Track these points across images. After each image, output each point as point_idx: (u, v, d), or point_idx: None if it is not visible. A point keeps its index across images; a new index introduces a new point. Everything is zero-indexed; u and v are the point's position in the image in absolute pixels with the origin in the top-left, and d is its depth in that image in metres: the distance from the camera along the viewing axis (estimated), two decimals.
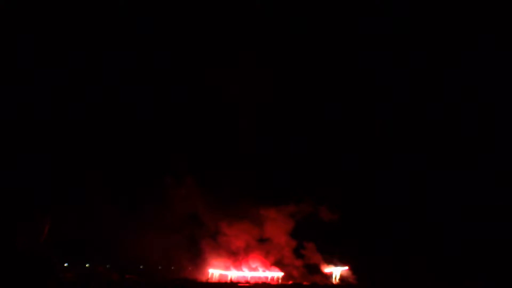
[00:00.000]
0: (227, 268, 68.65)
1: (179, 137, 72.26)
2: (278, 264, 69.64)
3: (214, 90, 73.49)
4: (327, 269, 70.64)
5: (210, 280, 67.35)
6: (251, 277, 68.50)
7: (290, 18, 76.90)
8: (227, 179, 66.53)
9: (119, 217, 63.65)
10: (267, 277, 68.40)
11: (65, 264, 65.94)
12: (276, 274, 69.17)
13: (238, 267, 68.82)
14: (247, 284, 65.46)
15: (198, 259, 68.87)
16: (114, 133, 71.19)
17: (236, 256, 68.86)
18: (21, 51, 68.01)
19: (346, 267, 70.50)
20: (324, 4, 77.21)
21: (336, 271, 70.44)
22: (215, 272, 68.49)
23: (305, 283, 67.27)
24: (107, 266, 68.82)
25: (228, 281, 67.41)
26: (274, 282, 68.04)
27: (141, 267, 70.26)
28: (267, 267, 69.16)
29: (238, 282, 66.56)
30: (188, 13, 75.68)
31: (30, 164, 63.44)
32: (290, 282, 68.03)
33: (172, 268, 70.59)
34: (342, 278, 69.94)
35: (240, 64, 70.73)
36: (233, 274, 68.54)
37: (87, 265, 68.07)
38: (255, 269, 69.03)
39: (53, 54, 69.62)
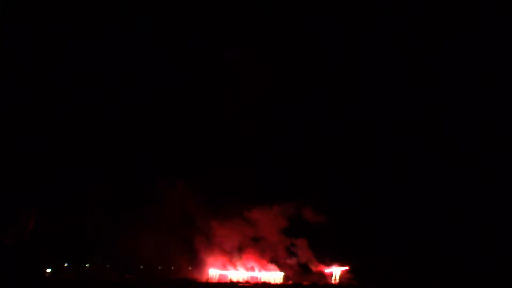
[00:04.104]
0: (224, 268, 68.85)
1: (176, 139, 72.42)
2: (273, 263, 69.82)
3: (211, 91, 73.87)
4: (327, 269, 70.69)
5: (210, 280, 67.48)
6: (251, 277, 68.65)
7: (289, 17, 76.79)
8: (220, 179, 67.04)
9: (119, 218, 63.99)
10: (269, 280, 68.55)
11: (65, 264, 66.15)
12: (276, 275, 69.31)
13: (234, 266, 69.01)
14: (247, 284, 65.56)
15: (197, 259, 69.20)
16: (113, 134, 71.30)
17: (231, 255, 69.10)
18: (20, 50, 68.24)
19: (346, 267, 70.58)
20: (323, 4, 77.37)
21: (336, 271, 70.48)
22: (215, 272, 68.64)
23: (305, 283, 67.41)
24: (107, 266, 68.91)
25: (228, 281, 67.54)
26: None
27: (141, 267, 70.44)
28: (262, 266, 69.31)
29: (238, 282, 66.72)
30: (187, 13, 75.84)
31: (25, 163, 63.91)
32: (290, 282, 68.20)
33: (172, 268, 70.79)
34: (340, 279, 70.02)
35: (239, 64, 70.96)
36: (232, 274, 68.63)
37: (87, 265, 68.14)
38: (251, 269, 69.16)
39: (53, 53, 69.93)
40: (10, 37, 67.50)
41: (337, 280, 70.07)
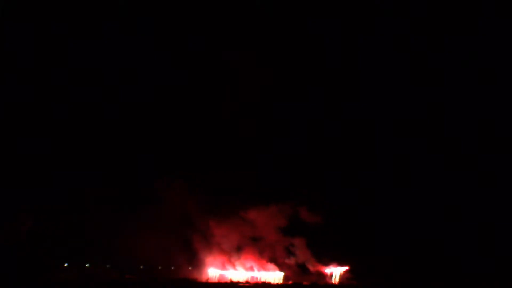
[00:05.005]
0: (223, 268, 68.89)
1: (176, 139, 72.43)
2: (272, 263, 69.85)
3: (211, 91, 73.92)
4: (327, 269, 70.72)
5: (210, 280, 67.54)
6: (251, 277, 68.70)
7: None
8: (219, 179, 67.10)
9: (118, 218, 64.04)
10: (269, 280, 68.55)
11: (65, 264, 66.19)
12: (276, 274, 69.33)
13: (233, 266, 69.04)
14: (247, 284, 65.63)
15: (196, 259, 69.26)
16: (113, 134, 71.33)
17: (230, 255, 69.13)
18: (20, 50, 68.33)
19: (346, 267, 70.61)
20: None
21: (336, 271, 70.50)
22: (214, 272, 68.70)
23: (305, 283, 67.46)
24: (107, 266, 68.98)
25: (228, 281, 67.59)
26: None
27: (141, 267, 70.51)
28: (261, 266, 69.33)
29: (238, 282, 66.78)
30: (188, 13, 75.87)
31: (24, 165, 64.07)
32: (290, 282, 68.24)
33: (172, 268, 70.86)
34: (340, 279, 70.05)
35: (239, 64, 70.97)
36: (232, 274, 68.67)
37: (87, 265, 68.19)
38: (250, 269, 69.17)
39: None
40: (10, 37, 67.67)
41: (337, 280, 70.11)
